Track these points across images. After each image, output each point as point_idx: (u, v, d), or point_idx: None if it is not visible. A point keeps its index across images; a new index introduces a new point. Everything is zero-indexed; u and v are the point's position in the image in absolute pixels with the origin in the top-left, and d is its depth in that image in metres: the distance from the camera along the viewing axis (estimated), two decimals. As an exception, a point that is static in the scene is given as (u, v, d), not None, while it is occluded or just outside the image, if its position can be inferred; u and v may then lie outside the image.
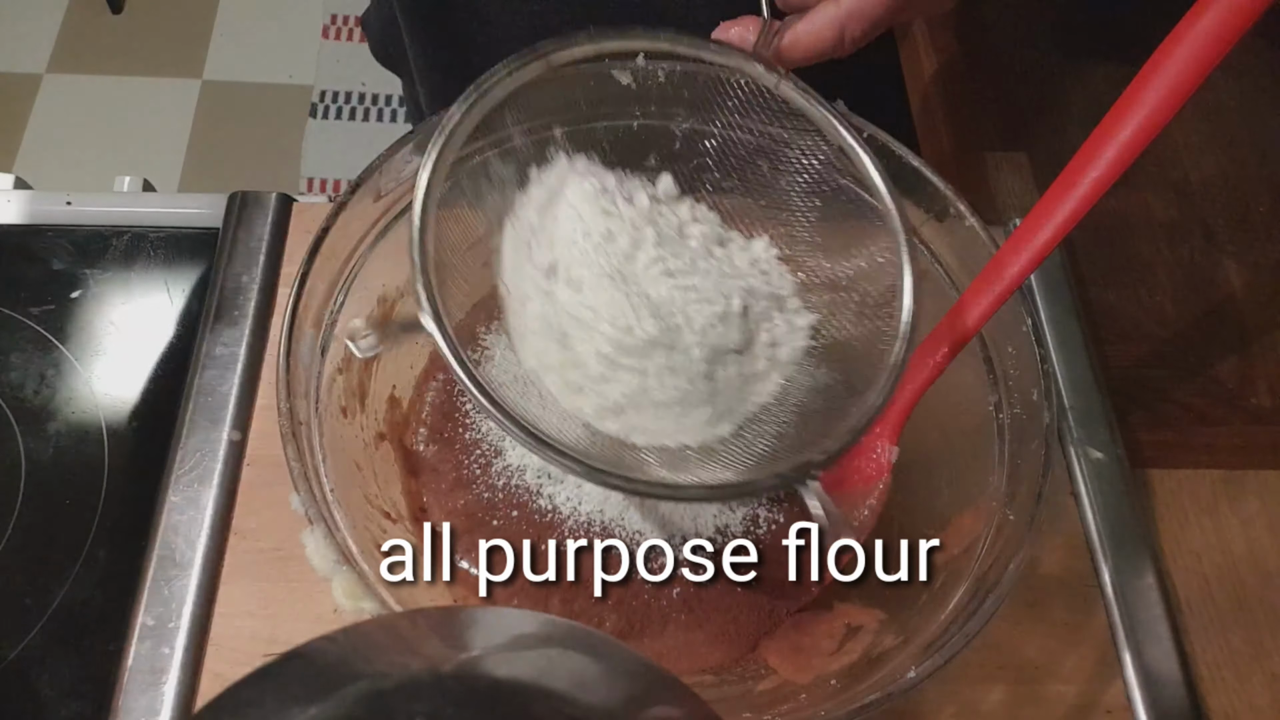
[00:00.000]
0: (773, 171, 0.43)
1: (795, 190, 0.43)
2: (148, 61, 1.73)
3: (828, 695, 0.37)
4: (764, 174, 0.43)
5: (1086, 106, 0.66)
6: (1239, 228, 0.61)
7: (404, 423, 0.47)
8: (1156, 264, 0.59)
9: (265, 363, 0.52)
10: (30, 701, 0.44)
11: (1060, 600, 0.47)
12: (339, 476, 0.41)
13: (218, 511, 0.47)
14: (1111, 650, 0.46)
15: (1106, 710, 0.45)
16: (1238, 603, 0.49)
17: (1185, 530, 0.51)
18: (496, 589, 0.43)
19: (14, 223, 0.58)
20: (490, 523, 0.43)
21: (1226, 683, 0.47)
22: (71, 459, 0.50)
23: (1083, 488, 0.50)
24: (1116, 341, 0.56)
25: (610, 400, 0.38)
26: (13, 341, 0.54)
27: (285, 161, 1.63)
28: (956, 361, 0.42)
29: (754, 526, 0.44)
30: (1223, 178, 0.63)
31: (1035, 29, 0.70)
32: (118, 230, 0.58)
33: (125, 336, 0.55)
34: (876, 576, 0.43)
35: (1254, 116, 0.66)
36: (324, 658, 0.24)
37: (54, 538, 0.48)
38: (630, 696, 0.24)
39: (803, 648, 0.42)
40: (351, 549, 0.38)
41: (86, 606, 0.46)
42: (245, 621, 0.45)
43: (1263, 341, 0.56)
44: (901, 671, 0.36)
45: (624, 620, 0.42)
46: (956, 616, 0.38)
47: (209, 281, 0.54)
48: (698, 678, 0.42)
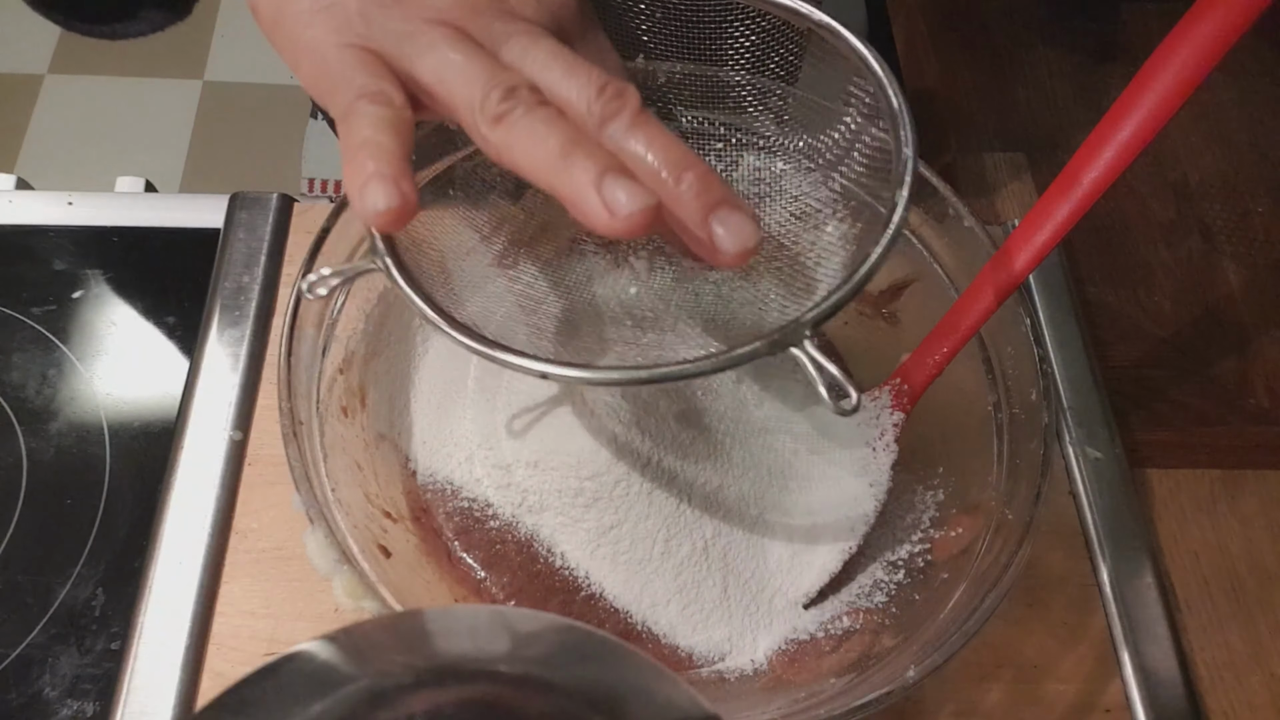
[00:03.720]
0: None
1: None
2: (149, 62, 1.73)
3: (828, 695, 0.37)
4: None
5: (1086, 106, 0.66)
6: (1238, 228, 0.61)
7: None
8: (1156, 264, 0.59)
9: (266, 363, 0.52)
10: (31, 701, 0.44)
11: (1059, 600, 0.47)
12: (339, 476, 0.41)
13: (219, 511, 0.47)
14: (1110, 649, 0.46)
15: (1105, 709, 0.45)
16: (1236, 602, 0.49)
17: (1184, 530, 0.51)
18: (497, 589, 0.43)
19: (16, 223, 0.58)
20: (490, 522, 0.43)
21: (1225, 682, 0.47)
22: (73, 459, 0.51)
23: (1082, 487, 0.50)
24: (1116, 341, 0.56)
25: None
26: (14, 341, 0.54)
27: (286, 162, 1.62)
28: (955, 361, 0.42)
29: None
30: (1222, 178, 0.63)
31: (1035, 29, 0.70)
32: (119, 231, 0.58)
33: (126, 336, 0.55)
34: (879, 574, 0.44)
35: (1254, 116, 0.66)
36: (324, 658, 0.24)
37: (55, 537, 0.48)
38: (630, 694, 0.24)
39: (802, 647, 0.42)
40: (352, 549, 0.38)
41: (88, 606, 0.46)
42: (246, 621, 0.45)
43: (1262, 341, 0.57)
44: (901, 670, 0.36)
45: (623, 620, 0.42)
46: (955, 615, 0.38)
47: (210, 282, 0.54)
48: (698, 675, 0.42)
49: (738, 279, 0.47)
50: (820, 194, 0.42)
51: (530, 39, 0.32)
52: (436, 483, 0.45)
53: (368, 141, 0.29)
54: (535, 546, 0.43)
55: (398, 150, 0.29)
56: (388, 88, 0.31)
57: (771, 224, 0.43)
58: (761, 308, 0.40)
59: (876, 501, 0.43)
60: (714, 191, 0.31)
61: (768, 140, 0.44)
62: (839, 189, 0.41)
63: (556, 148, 0.29)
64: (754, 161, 0.44)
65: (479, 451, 0.44)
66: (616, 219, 0.28)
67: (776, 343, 0.32)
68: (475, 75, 0.30)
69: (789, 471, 0.44)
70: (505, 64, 0.32)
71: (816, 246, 0.41)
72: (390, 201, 0.29)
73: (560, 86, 0.31)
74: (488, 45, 0.32)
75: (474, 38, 0.32)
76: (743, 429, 0.45)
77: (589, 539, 0.42)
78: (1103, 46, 0.69)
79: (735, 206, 0.31)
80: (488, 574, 0.43)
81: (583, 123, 0.31)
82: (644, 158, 0.30)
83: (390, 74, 0.31)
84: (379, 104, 0.30)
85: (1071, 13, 0.71)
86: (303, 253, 0.42)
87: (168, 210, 0.59)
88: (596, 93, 0.31)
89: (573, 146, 0.29)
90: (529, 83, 0.31)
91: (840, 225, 0.41)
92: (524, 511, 0.43)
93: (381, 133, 0.29)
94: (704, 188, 0.30)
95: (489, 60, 0.31)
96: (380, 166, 0.29)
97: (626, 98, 0.31)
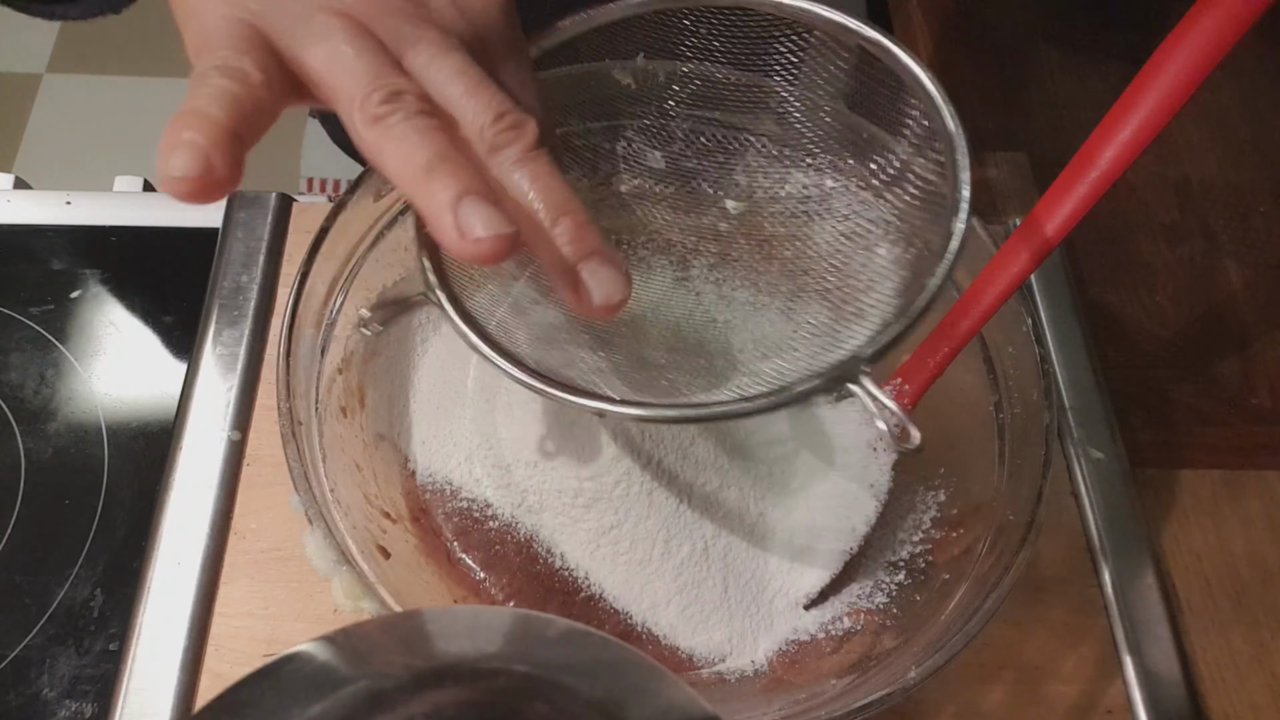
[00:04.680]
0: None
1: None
2: (148, 61, 1.73)
3: (828, 696, 0.37)
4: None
5: (1086, 106, 0.66)
6: (1239, 228, 0.61)
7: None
8: (1156, 264, 0.59)
9: (265, 363, 0.52)
10: (30, 702, 0.44)
11: (1060, 600, 0.47)
12: (338, 477, 0.41)
13: (218, 511, 0.47)
14: (1112, 650, 0.46)
15: (1107, 710, 0.45)
16: (1238, 603, 0.49)
17: (1186, 530, 0.51)
18: (496, 590, 0.43)
19: (14, 223, 0.58)
20: (490, 523, 0.43)
21: (1227, 683, 0.47)
22: (71, 459, 0.50)
23: (1083, 488, 0.50)
24: (1116, 341, 0.56)
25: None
26: (12, 341, 0.54)
27: (285, 161, 1.63)
28: (957, 362, 0.42)
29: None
30: (1223, 178, 0.63)
31: (1035, 28, 0.70)
32: (117, 230, 0.58)
33: (125, 336, 0.55)
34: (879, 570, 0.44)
35: (1254, 116, 0.66)
36: (324, 658, 0.24)
37: (54, 538, 0.48)
38: (630, 696, 0.24)
39: (802, 648, 0.42)
40: (351, 549, 0.38)
41: (86, 607, 0.46)
42: (245, 621, 0.45)
43: (1263, 342, 0.56)
44: (901, 671, 0.36)
45: (623, 621, 0.42)
46: (957, 616, 0.38)
47: (209, 281, 0.54)
48: (698, 676, 0.42)
49: (788, 300, 0.46)
50: (871, 214, 0.41)
51: (439, 50, 0.31)
52: (436, 483, 0.44)
53: (196, 110, 0.28)
54: (535, 547, 0.43)
55: (225, 123, 0.28)
56: (246, 65, 0.30)
57: (821, 244, 0.43)
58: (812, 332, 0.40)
59: (877, 502, 0.43)
60: (587, 241, 0.31)
61: (815, 159, 0.43)
62: (892, 211, 0.40)
63: (423, 161, 0.29)
64: (803, 179, 0.43)
65: (478, 451, 0.44)
66: (466, 241, 0.28)
67: (835, 379, 0.31)
68: (362, 72, 0.30)
69: (790, 472, 0.44)
70: (408, 69, 0.31)
71: (868, 269, 0.40)
72: (188, 169, 0.27)
73: (458, 104, 0.31)
74: (391, 47, 0.31)
75: (376, 35, 0.31)
76: (744, 429, 0.45)
77: (589, 539, 0.42)
78: (1104, 46, 0.69)
79: (606, 259, 0.31)
80: (487, 574, 0.43)
81: (474, 143, 0.31)
82: (525, 194, 0.30)
83: (262, 53, 0.30)
84: (227, 77, 0.29)
85: (1073, 12, 0.71)
86: (301, 252, 0.42)
87: (166, 210, 0.59)
88: (493, 119, 0.30)
89: (439, 163, 0.29)
90: (418, 90, 0.30)
91: (893, 249, 0.40)
92: (523, 512, 0.43)
93: (215, 104, 0.29)
94: (578, 235, 0.30)
95: (381, 60, 0.30)
96: (195, 136, 0.28)
97: (523, 130, 0.31)
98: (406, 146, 0.29)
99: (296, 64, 0.31)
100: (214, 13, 0.31)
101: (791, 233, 0.44)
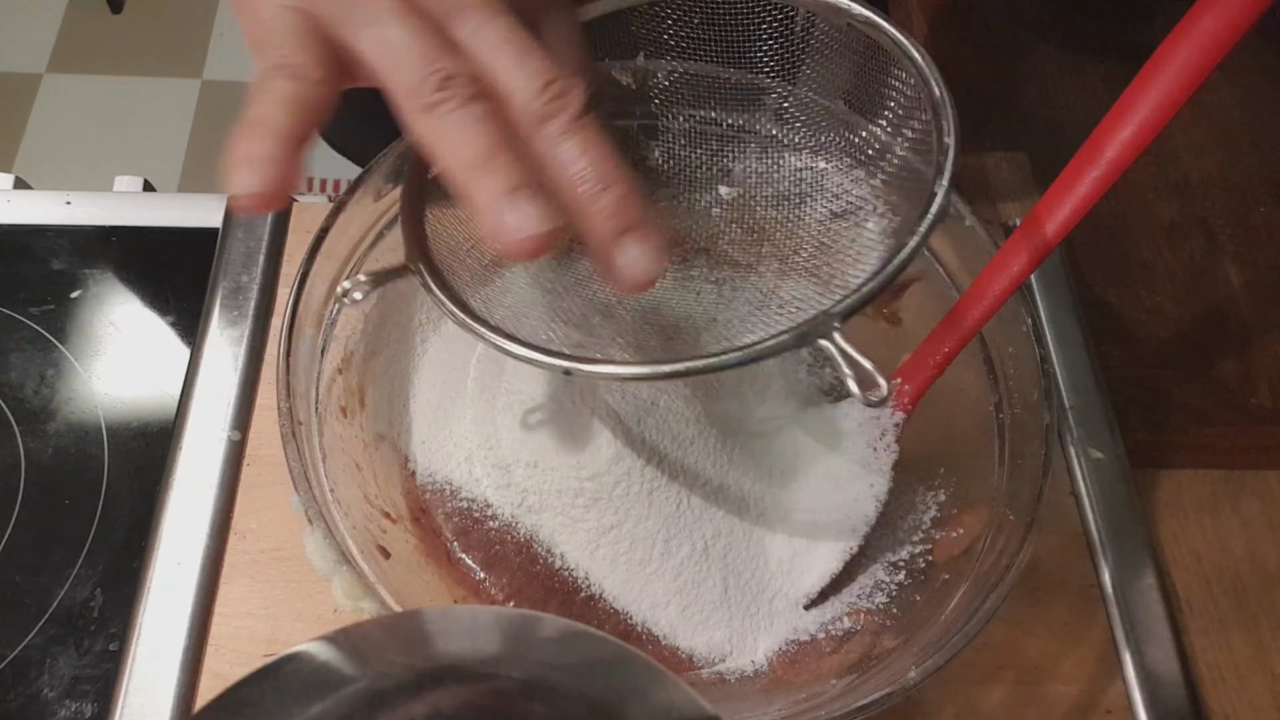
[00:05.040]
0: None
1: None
2: (148, 61, 1.73)
3: (828, 696, 0.37)
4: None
5: (1086, 106, 0.66)
6: (1239, 228, 0.61)
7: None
8: (1156, 264, 0.59)
9: (265, 363, 0.52)
10: (30, 702, 0.44)
11: (1060, 600, 0.47)
12: (338, 476, 0.41)
13: (218, 511, 0.47)
14: (1112, 650, 0.46)
15: (1106, 710, 0.45)
16: (1238, 603, 0.49)
17: (1186, 530, 0.51)
18: (496, 590, 0.43)
19: (14, 223, 0.58)
20: (490, 523, 0.43)
21: (1227, 683, 0.47)
22: (71, 459, 0.50)
23: (1083, 488, 0.50)
24: (1116, 341, 0.56)
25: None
26: (12, 341, 0.54)
27: (285, 161, 1.63)
28: (956, 362, 0.42)
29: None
30: (1223, 178, 0.63)
31: (1035, 27, 0.70)
32: (117, 230, 0.58)
33: (125, 336, 0.55)
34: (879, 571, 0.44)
35: (1254, 116, 0.66)
36: (324, 658, 0.24)
37: (54, 538, 0.48)
38: (630, 695, 0.24)
39: (802, 648, 0.42)
40: (351, 549, 0.38)
41: (86, 607, 0.46)
42: (245, 621, 0.45)
43: (1263, 341, 0.56)
44: (901, 671, 0.36)
45: (623, 621, 0.42)
46: (957, 616, 0.38)
47: (209, 281, 0.54)
48: (698, 677, 0.42)
49: (775, 279, 0.47)
50: (861, 190, 0.41)
51: (485, 16, 0.31)
52: (436, 483, 0.44)
53: (264, 119, 0.29)
54: (535, 547, 0.43)
55: (293, 130, 0.29)
56: (308, 60, 0.30)
57: (811, 224, 0.43)
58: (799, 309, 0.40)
59: (877, 502, 0.43)
60: (628, 214, 0.30)
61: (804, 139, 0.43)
62: (880, 184, 0.40)
63: (476, 154, 0.29)
64: (795, 161, 0.43)
65: (478, 451, 0.44)
66: (516, 238, 0.28)
67: (805, 335, 0.32)
68: (414, 57, 0.30)
69: (789, 472, 0.44)
70: (453, 40, 0.31)
71: (856, 244, 0.40)
72: (251, 186, 0.28)
73: (505, 75, 0.31)
74: (438, 17, 0.31)
75: (423, 9, 0.31)
76: (744, 429, 0.45)
77: (589, 539, 0.42)
78: (1104, 45, 0.69)
79: (644, 236, 0.30)
80: (487, 574, 0.43)
81: (521, 117, 0.30)
82: (570, 168, 0.30)
83: (319, 44, 0.30)
84: (291, 78, 0.29)
85: (1072, 11, 0.71)
86: (301, 252, 0.42)
87: (166, 210, 0.59)
88: (541, 88, 0.30)
89: (491, 156, 0.29)
90: (467, 71, 0.30)
91: (881, 221, 0.40)
92: (523, 512, 0.43)
93: (282, 110, 0.29)
94: (619, 209, 0.30)
95: (431, 41, 0.30)
96: (263, 148, 0.28)
97: (568, 99, 0.30)
98: (459, 138, 0.29)
99: (348, 49, 0.31)
100: (267, 4, 0.31)
101: (784, 215, 0.45)
